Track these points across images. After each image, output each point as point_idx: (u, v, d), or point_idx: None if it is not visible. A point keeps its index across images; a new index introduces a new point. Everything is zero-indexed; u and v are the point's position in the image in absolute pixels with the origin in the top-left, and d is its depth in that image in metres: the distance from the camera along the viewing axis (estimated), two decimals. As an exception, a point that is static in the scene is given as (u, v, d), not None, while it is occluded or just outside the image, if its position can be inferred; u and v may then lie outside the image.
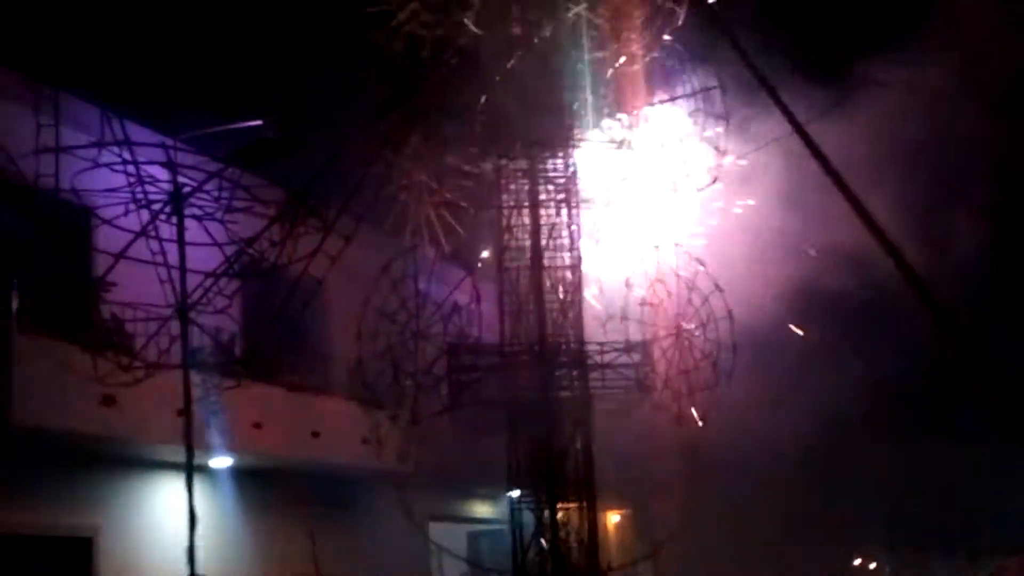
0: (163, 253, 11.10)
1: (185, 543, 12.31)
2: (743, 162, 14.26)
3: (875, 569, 25.47)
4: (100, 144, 10.62)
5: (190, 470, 11.26)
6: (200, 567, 11.57)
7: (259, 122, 14.21)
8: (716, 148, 13.60)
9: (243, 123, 13.87)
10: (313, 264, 11.90)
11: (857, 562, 27.20)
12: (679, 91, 14.01)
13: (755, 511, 20.76)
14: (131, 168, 10.66)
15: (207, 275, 10.87)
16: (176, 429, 13.02)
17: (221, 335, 13.69)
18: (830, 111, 14.16)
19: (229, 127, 13.37)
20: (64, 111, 10.85)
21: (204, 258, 11.95)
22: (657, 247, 13.97)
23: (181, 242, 10.56)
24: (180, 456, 13.35)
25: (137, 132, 11.72)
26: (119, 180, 10.80)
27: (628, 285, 13.97)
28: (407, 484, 16.07)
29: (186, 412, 11.05)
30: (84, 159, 10.67)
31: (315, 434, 16.20)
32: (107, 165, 10.69)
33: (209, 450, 14.22)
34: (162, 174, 11.20)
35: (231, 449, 14.68)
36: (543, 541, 13.59)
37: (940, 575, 22.84)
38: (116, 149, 10.73)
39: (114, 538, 14.59)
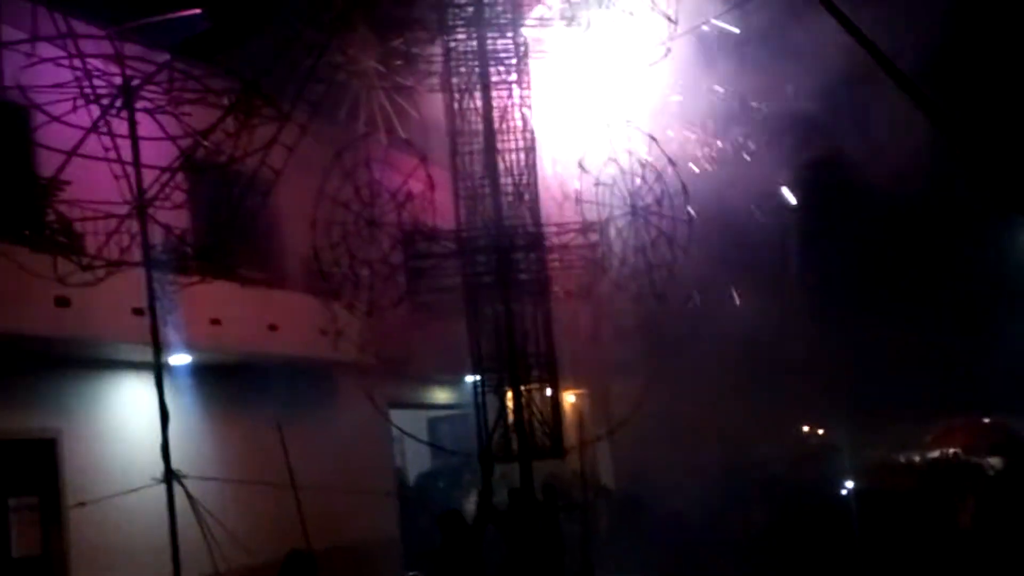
0: (116, 149, 10.86)
1: (148, 442, 12.30)
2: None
3: (824, 434, 26.16)
4: (43, 38, 10.29)
5: (158, 367, 11.20)
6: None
7: (198, 10, 13.84)
8: (668, 19, 13.42)
9: (183, 11, 13.51)
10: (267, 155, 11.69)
11: (806, 429, 27.91)
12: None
13: (710, 388, 21.08)
14: (76, 62, 10.34)
15: (163, 170, 10.65)
16: (133, 328, 12.92)
17: (173, 231, 13.51)
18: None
19: (169, 16, 13.01)
20: (2, 8, 10.49)
21: (154, 153, 11.73)
22: (608, 125, 13.88)
23: (134, 136, 10.32)
24: (139, 355, 13.26)
25: (78, 26, 11.36)
26: (64, 75, 10.49)
27: (580, 166, 13.91)
28: (368, 373, 16.14)
29: (151, 310, 10.93)
30: (27, 54, 10.33)
31: (273, 327, 16.11)
32: (51, 60, 10.37)
33: (168, 348, 14.09)
34: (107, 68, 10.90)
35: (190, 346, 14.56)
36: (508, 423, 13.75)
37: (889, 438, 23.49)
38: (60, 44, 10.41)
39: (77, 439, 14.47)
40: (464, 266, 13.79)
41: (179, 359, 14.95)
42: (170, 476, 10.75)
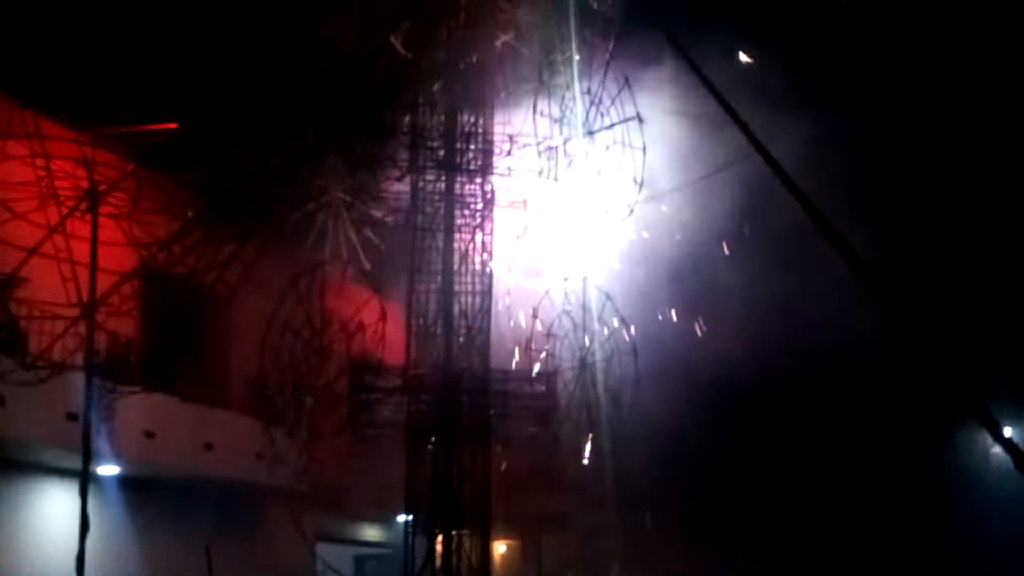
0: (68, 251, 10.82)
1: (70, 551, 11.95)
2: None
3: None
4: (11, 136, 10.32)
5: (85, 475, 10.93)
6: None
7: (174, 124, 13.98)
8: (634, 181, 13.64)
9: (158, 125, 13.65)
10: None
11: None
12: (598, 123, 14.11)
13: (644, 547, 20.95)
14: (42, 162, 10.36)
15: (121, 276, 10.60)
16: (64, 433, 12.67)
17: (117, 338, 13.37)
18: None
19: (144, 127, 13.13)
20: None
21: (110, 259, 11.67)
22: (566, 279, 14.03)
23: (94, 240, 10.28)
24: (67, 461, 12.99)
25: (48, 127, 11.44)
26: (30, 174, 10.50)
27: (534, 316, 14.00)
28: (300, 502, 15.86)
29: (84, 417, 10.74)
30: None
31: (208, 446, 15.87)
32: (18, 158, 10.38)
33: (98, 457, 13.82)
34: (74, 171, 10.92)
35: (120, 457, 14.29)
36: (435, 567, 13.50)
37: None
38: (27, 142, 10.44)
39: (-5, 543, 14.11)
40: (408, 403, 13.69)
41: (108, 469, 14.65)
42: (83, 589, 10.43)
